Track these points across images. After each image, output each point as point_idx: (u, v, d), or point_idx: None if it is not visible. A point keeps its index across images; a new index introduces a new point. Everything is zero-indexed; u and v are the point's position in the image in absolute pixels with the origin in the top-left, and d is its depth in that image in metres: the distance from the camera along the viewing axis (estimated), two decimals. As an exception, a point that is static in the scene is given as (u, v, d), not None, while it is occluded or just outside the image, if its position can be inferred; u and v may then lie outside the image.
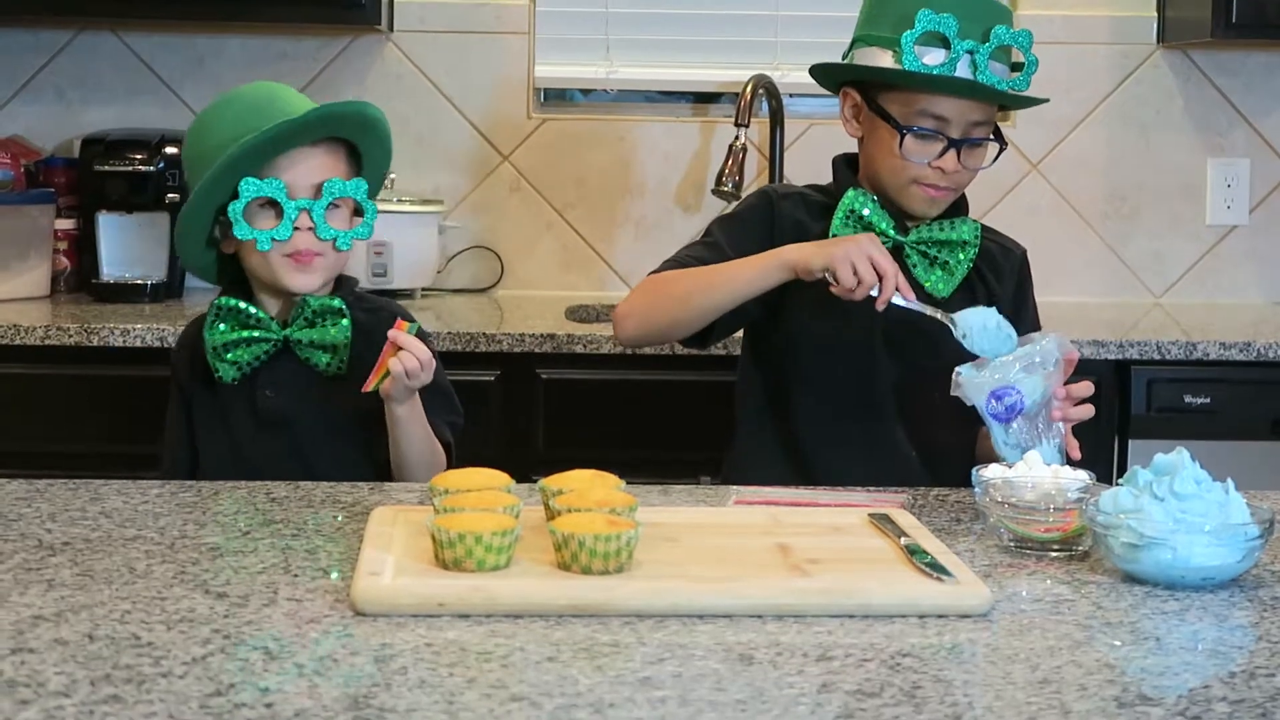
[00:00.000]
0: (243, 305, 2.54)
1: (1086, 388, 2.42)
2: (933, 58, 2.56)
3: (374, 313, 2.63)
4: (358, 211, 2.60)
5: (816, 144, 4.11)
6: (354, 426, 2.59)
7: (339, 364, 2.56)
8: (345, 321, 2.55)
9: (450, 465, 2.53)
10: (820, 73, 2.76)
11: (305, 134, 2.52)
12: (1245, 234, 4.30)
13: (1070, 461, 2.33)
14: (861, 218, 2.62)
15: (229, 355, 2.55)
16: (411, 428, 2.51)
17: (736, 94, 4.06)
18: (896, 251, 2.63)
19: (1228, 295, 4.30)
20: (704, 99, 4.29)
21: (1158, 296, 4.30)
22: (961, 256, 2.64)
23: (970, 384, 2.36)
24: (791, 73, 4.15)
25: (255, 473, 2.40)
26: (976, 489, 2.08)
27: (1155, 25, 4.24)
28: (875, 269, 2.41)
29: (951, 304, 2.60)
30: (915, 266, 2.64)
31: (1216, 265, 4.31)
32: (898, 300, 2.43)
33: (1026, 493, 2.06)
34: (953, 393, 2.37)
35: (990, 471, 2.11)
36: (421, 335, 2.46)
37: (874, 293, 2.43)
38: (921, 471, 2.59)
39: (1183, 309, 4.16)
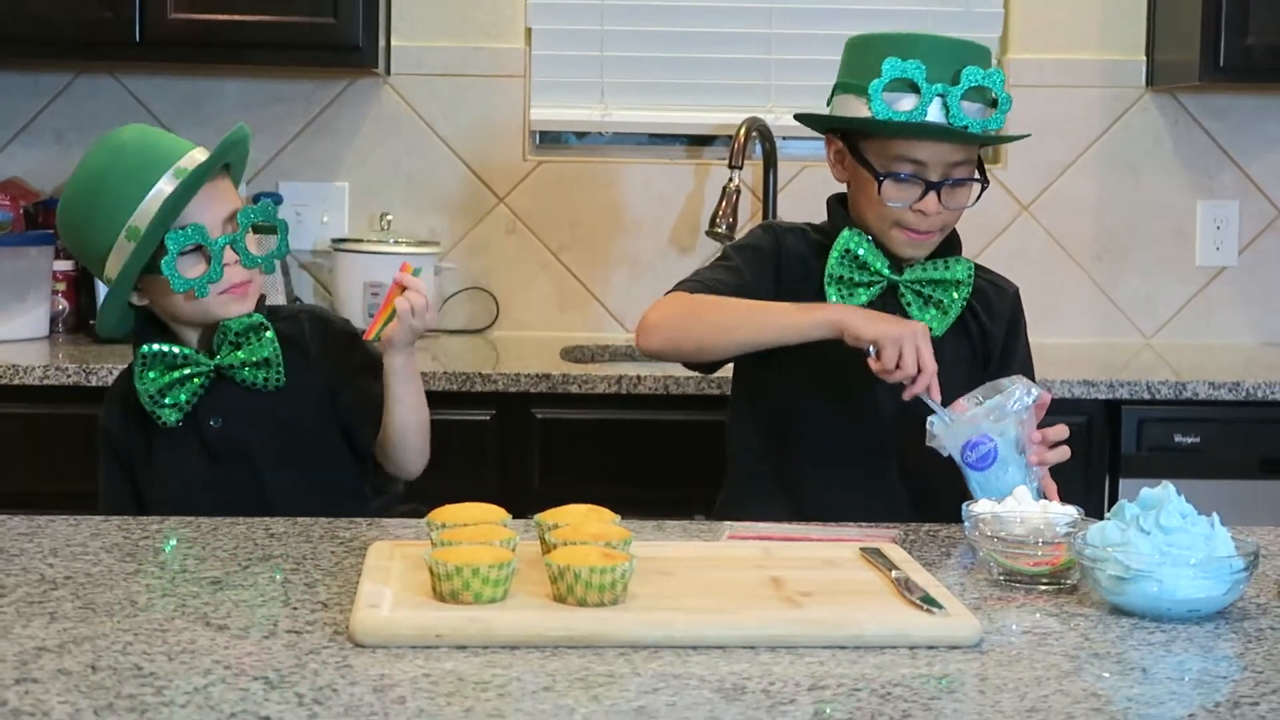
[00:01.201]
0: (167, 348, 2.54)
1: (1061, 431, 2.45)
2: (904, 104, 2.59)
3: (292, 318, 2.66)
4: (260, 229, 2.60)
5: (809, 186, 4.15)
6: (306, 438, 2.61)
7: (277, 377, 2.57)
8: (270, 334, 2.56)
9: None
10: (805, 121, 2.80)
11: (211, 172, 2.53)
12: (1235, 275, 4.34)
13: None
14: (857, 257, 2.65)
15: (166, 400, 2.55)
16: (411, 382, 2.56)
17: (730, 136, 4.10)
18: (891, 291, 2.66)
19: (1217, 336, 4.33)
20: (698, 141, 4.33)
21: (1148, 337, 4.33)
22: (955, 295, 2.67)
23: (945, 435, 2.40)
24: (785, 115, 4.18)
25: (215, 506, 2.41)
26: (966, 523, 2.10)
27: (1144, 69, 4.28)
28: (919, 361, 2.44)
29: (945, 342, 2.63)
30: (910, 305, 2.66)
31: (1206, 306, 4.34)
32: (924, 398, 2.46)
33: (1016, 527, 2.08)
34: (928, 443, 2.41)
35: (980, 506, 2.14)
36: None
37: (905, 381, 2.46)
38: (915, 509, 2.61)
39: (1173, 349, 4.19)
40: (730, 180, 4.03)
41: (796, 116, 2.80)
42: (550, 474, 3.51)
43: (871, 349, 2.46)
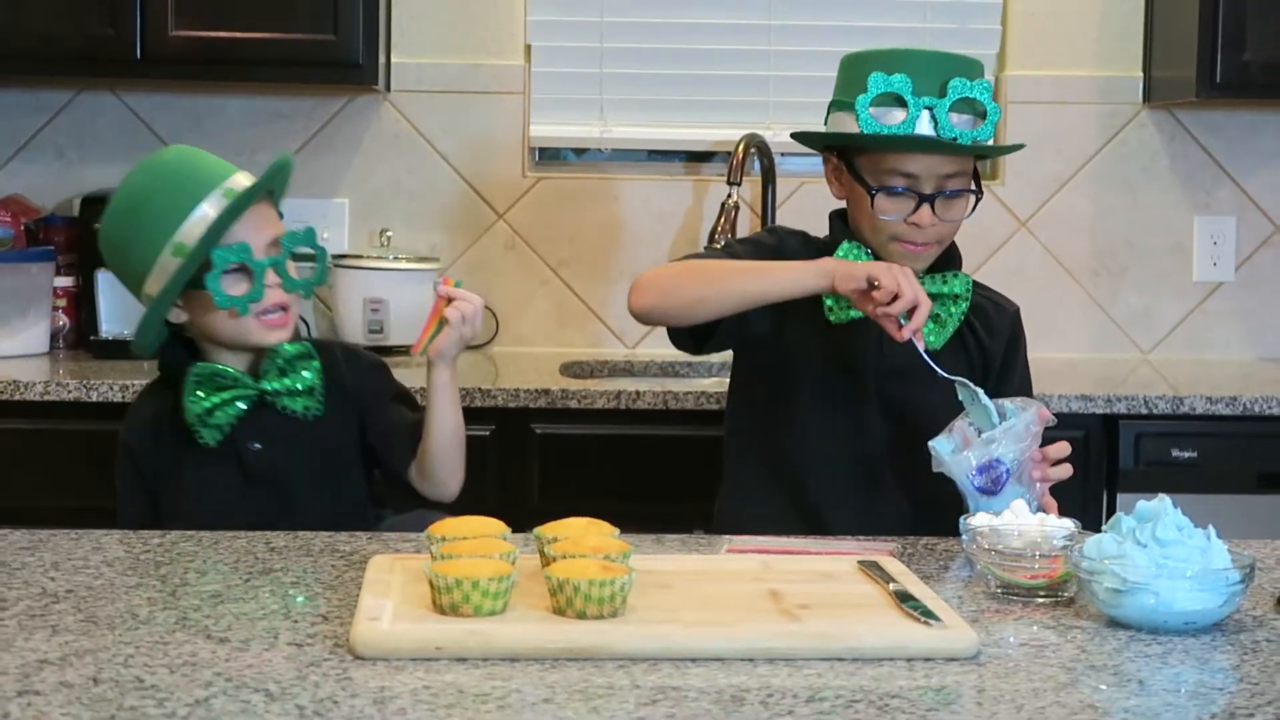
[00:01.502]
0: (219, 368, 2.58)
1: (1063, 448, 2.46)
2: (893, 118, 2.61)
3: (326, 350, 2.70)
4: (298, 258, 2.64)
5: (808, 202, 4.16)
6: (336, 467, 2.66)
7: (317, 407, 2.61)
8: (315, 363, 2.61)
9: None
10: (800, 138, 2.83)
11: (257, 194, 2.58)
12: (1232, 290, 4.35)
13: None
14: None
15: (210, 420, 2.58)
16: (453, 397, 2.62)
17: (729, 153, 4.12)
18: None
19: (1215, 351, 4.34)
20: (697, 158, 4.35)
21: (1145, 352, 4.34)
22: (954, 309, 2.69)
23: (952, 462, 2.38)
24: (783, 132, 4.19)
25: (244, 528, 2.42)
26: (964, 536, 2.11)
27: (1141, 85, 4.30)
28: (915, 291, 2.44)
29: (943, 356, 2.64)
30: (906, 318, 2.67)
31: (1204, 321, 4.35)
32: (917, 343, 2.46)
33: (1013, 540, 2.09)
34: (935, 469, 2.40)
35: (978, 520, 2.15)
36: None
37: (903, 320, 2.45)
38: (913, 521, 2.62)
39: (1170, 364, 4.20)
40: (729, 196, 4.05)
41: (793, 135, 2.83)
42: (550, 489, 3.52)
43: (867, 283, 2.45)
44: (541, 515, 2.16)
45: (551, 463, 3.56)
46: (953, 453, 2.38)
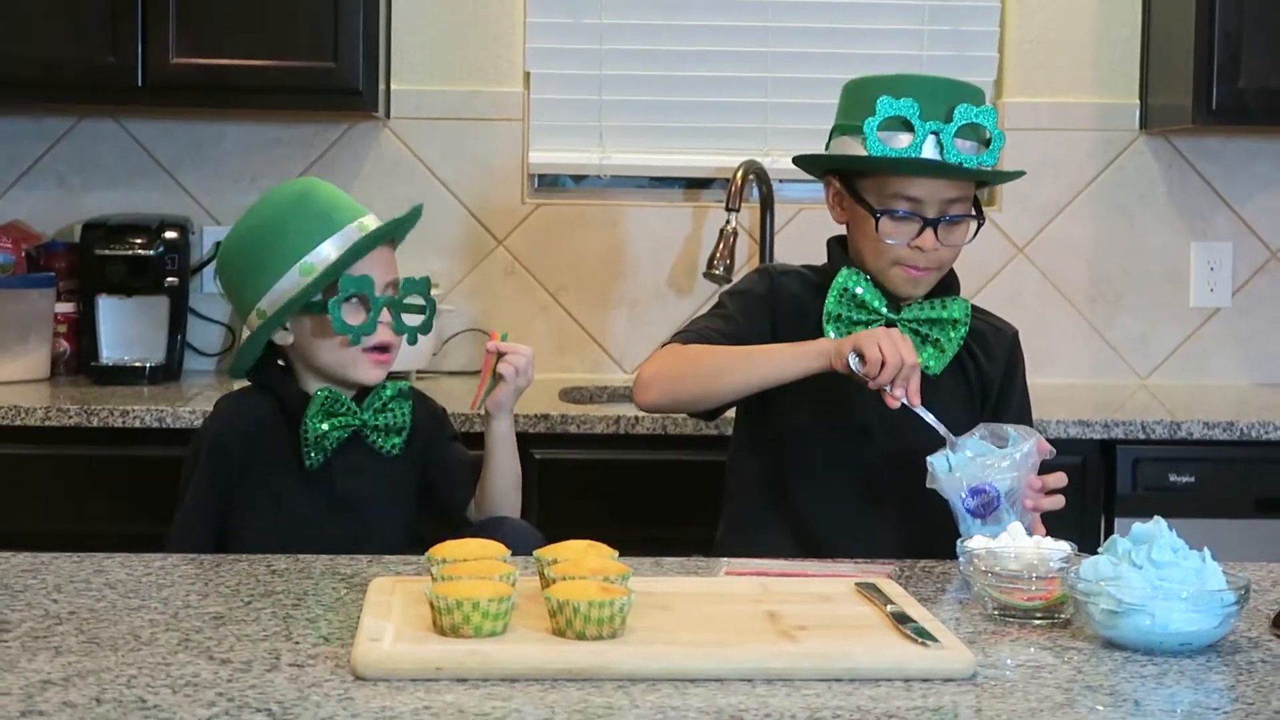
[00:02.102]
0: (341, 395, 2.65)
1: (1060, 479, 2.46)
2: (899, 142, 2.62)
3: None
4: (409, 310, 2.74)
5: (806, 228, 4.18)
6: (403, 505, 2.74)
7: (401, 446, 2.70)
8: (409, 404, 2.71)
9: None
10: (802, 162, 2.83)
11: (392, 233, 2.70)
12: (1228, 316, 4.36)
13: None
14: (855, 296, 2.68)
15: (322, 443, 2.63)
16: (512, 444, 2.74)
17: (727, 179, 4.13)
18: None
19: (1212, 376, 4.36)
20: (695, 184, 4.36)
21: (1143, 378, 4.35)
22: (952, 334, 2.69)
23: (946, 480, 2.40)
24: (781, 159, 4.21)
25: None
26: (961, 559, 2.13)
27: (1138, 112, 4.32)
28: (900, 353, 2.44)
29: (942, 381, 2.65)
30: None
31: (1201, 347, 4.37)
32: (912, 406, 2.47)
33: (1010, 562, 2.10)
34: (928, 484, 2.42)
35: (975, 542, 2.16)
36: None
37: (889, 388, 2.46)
38: (911, 543, 2.62)
39: (1167, 390, 4.21)
40: (727, 223, 4.06)
41: (796, 159, 2.83)
42: (549, 514, 3.52)
43: (853, 356, 2.47)
44: (542, 539, 2.17)
45: (551, 487, 3.56)
46: (948, 472, 2.39)
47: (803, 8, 4.31)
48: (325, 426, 2.62)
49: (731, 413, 2.86)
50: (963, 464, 2.40)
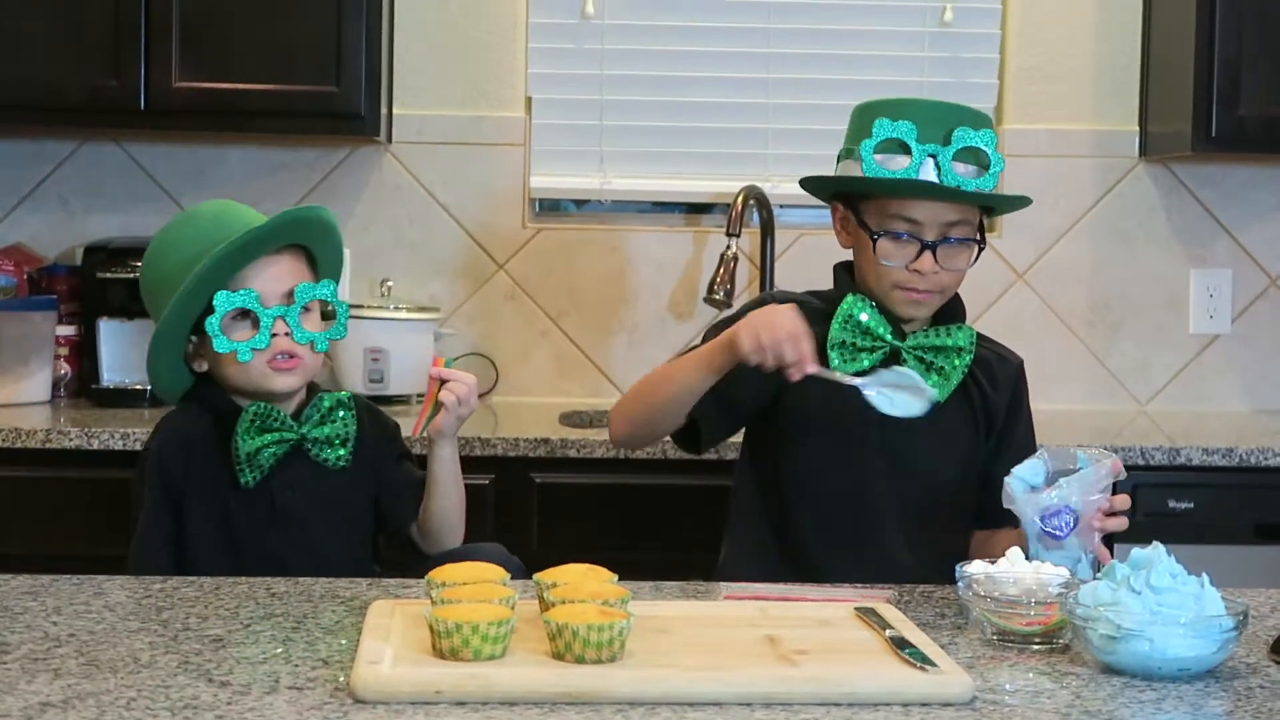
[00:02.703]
0: (273, 409, 2.62)
1: (1124, 501, 2.41)
2: (897, 164, 2.63)
3: (356, 404, 2.76)
4: (326, 315, 2.70)
5: (806, 254, 4.19)
6: (353, 518, 2.72)
7: (347, 458, 2.67)
8: (352, 414, 2.68)
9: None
10: (808, 185, 2.83)
11: (271, 241, 2.62)
12: (1228, 343, 4.37)
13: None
14: (860, 323, 2.67)
15: (255, 460, 2.62)
16: (455, 469, 2.71)
17: (728, 205, 4.14)
18: (894, 356, 2.68)
19: (1211, 403, 4.36)
20: (696, 209, 4.37)
21: (1143, 404, 4.36)
22: (957, 362, 2.68)
23: (1023, 501, 2.36)
24: (782, 184, 4.22)
25: (259, 569, 2.47)
26: (960, 584, 2.13)
27: (1137, 139, 4.33)
28: (776, 338, 2.48)
29: (947, 409, 2.65)
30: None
31: (1200, 373, 4.37)
32: (810, 369, 2.51)
33: (1008, 587, 2.10)
34: (1005, 505, 2.38)
35: (973, 567, 2.16)
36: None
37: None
38: (915, 576, 2.60)
39: (1167, 416, 4.22)
40: (728, 248, 4.07)
41: (801, 181, 2.83)
42: (549, 538, 3.53)
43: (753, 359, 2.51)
44: (541, 563, 2.18)
45: (551, 511, 3.57)
46: (1026, 492, 2.36)
47: (804, 34, 4.32)
48: (259, 442, 2.60)
49: (737, 438, 2.86)
50: (1039, 480, 2.38)
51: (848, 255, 2.83)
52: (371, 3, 3.91)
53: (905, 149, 2.63)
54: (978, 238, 2.72)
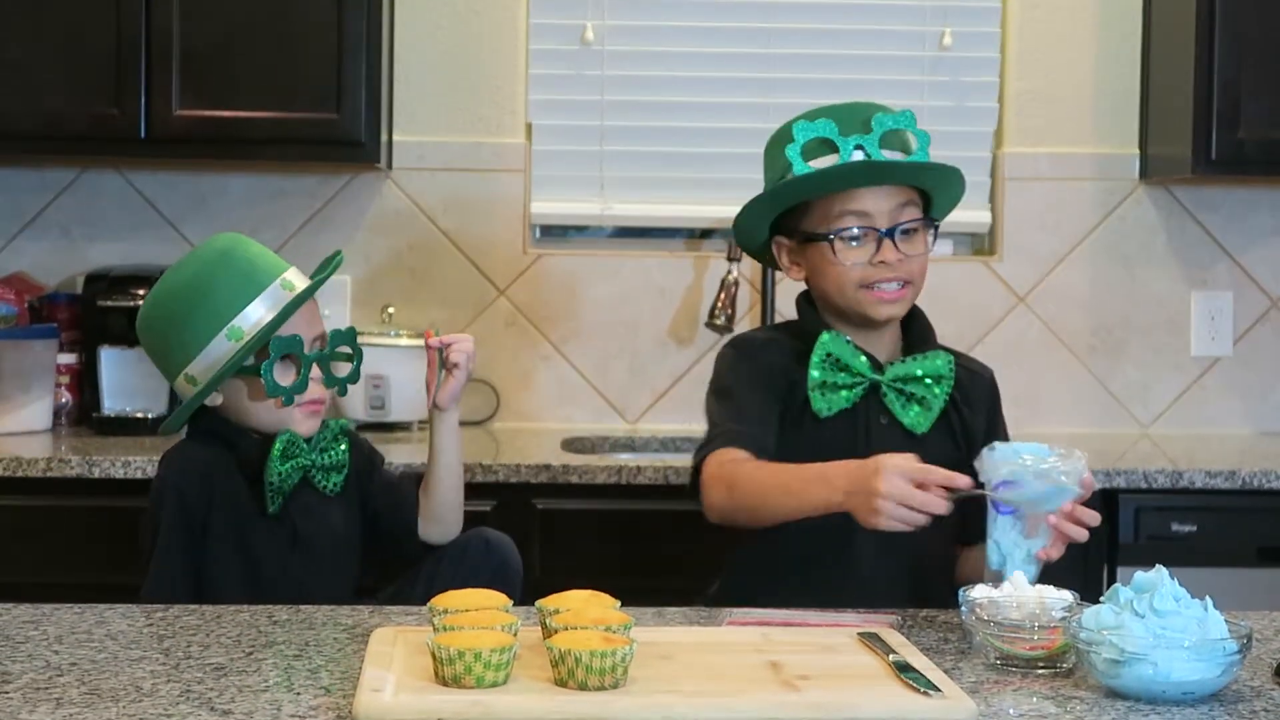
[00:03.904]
0: (299, 437, 2.66)
1: (1093, 516, 2.36)
2: (827, 163, 2.62)
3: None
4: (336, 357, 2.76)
5: (807, 278, 4.18)
6: (349, 542, 2.77)
7: (341, 483, 2.73)
8: (347, 443, 2.74)
9: None
10: (742, 232, 2.81)
11: (317, 290, 2.70)
12: (1229, 365, 4.37)
13: (1041, 564, 2.33)
14: (838, 361, 2.65)
15: (281, 487, 2.66)
16: (459, 438, 2.79)
17: (728, 230, 4.13)
18: (873, 390, 2.66)
19: (1213, 426, 4.36)
20: (696, 234, 4.37)
21: (1145, 427, 4.36)
22: (938, 391, 2.66)
23: (989, 464, 2.33)
24: (782, 209, 4.23)
25: (279, 597, 2.50)
26: (963, 608, 2.12)
27: (1137, 162, 4.33)
28: (909, 507, 2.27)
29: (929, 439, 2.63)
30: (892, 404, 2.66)
31: (1202, 396, 4.37)
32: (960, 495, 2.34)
33: (1012, 612, 2.10)
34: (974, 462, 2.35)
35: (976, 592, 2.16)
36: None
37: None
38: (907, 595, 2.59)
39: (1169, 439, 4.22)
40: (729, 273, 4.08)
41: (736, 230, 2.83)
42: (551, 564, 3.53)
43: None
44: (542, 589, 2.17)
45: (553, 537, 3.57)
46: (992, 460, 2.33)
47: (803, 59, 4.33)
48: (284, 469, 2.65)
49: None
50: (1007, 457, 2.34)
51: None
52: (372, 30, 3.92)
53: (830, 146, 2.63)
54: (931, 217, 2.70)
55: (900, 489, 2.27)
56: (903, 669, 1.92)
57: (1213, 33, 3.97)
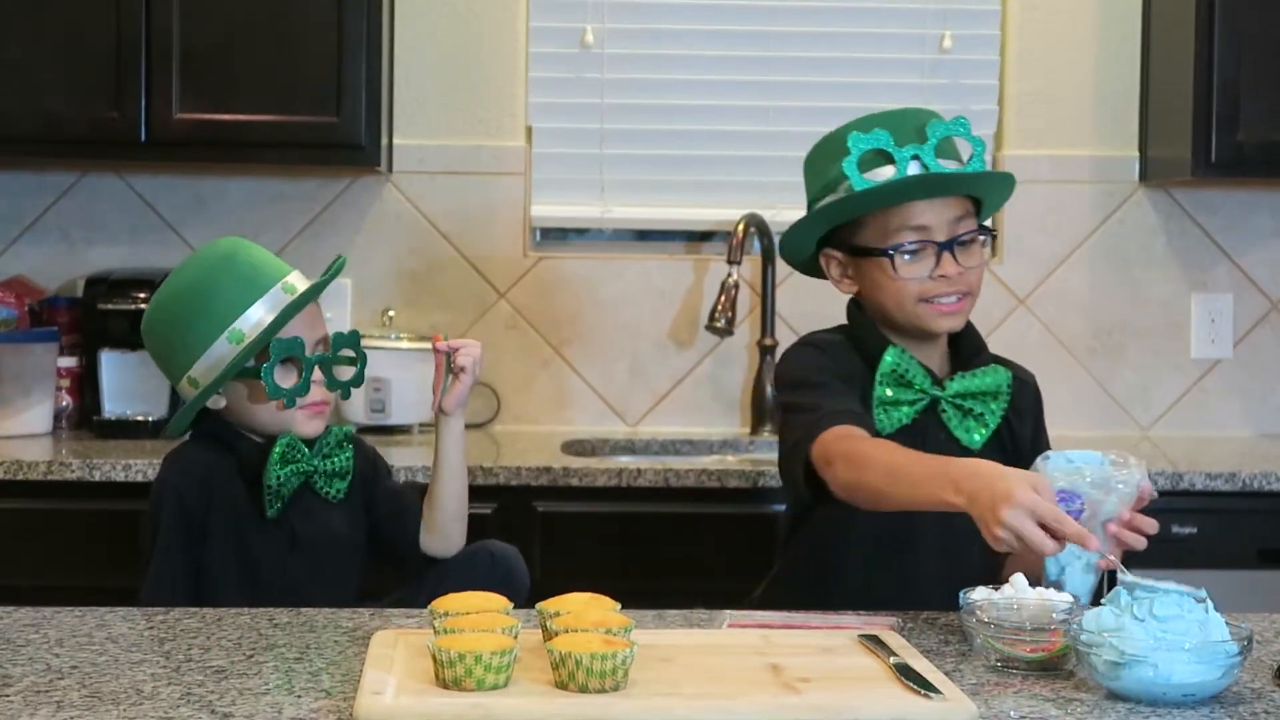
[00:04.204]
0: (299, 442, 2.67)
1: (1152, 525, 2.31)
2: (882, 175, 2.58)
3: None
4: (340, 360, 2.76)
5: (807, 281, 4.15)
6: (351, 548, 2.77)
7: (345, 490, 2.73)
8: (352, 449, 2.74)
9: None
10: (791, 245, 2.75)
11: (319, 293, 2.70)
12: (1229, 367, 4.37)
13: (1100, 574, 2.30)
14: (901, 376, 2.62)
15: (279, 491, 2.66)
16: (464, 444, 2.77)
17: (729, 232, 4.15)
18: (932, 405, 2.65)
19: (1213, 428, 4.36)
20: (697, 237, 4.37)
21: (1145, 429, 4.36)
22: (994, 406, 2.64)
23: (1045, 474, 2.27)
24: (783, 211, 4.23)
25: (278, 600, 2.51)
26: (963, 610, 2.12)
27: (1137, 165, 4.33)
28: (1028, 537, 2.14)
29: (982, 454, 2.59)
30: (950, 420, 2.65)
31: (1202, 398, 4.37)
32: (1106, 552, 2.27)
33: (1013, 614, 2.10)
34: (1030, 469, 2.29)
35: (977, 594, 2.16)
36: None
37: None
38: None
39: (1169, 441, 4.22)
40: (729, 275, 4.08)
41: (783, 246, 2.77)
42: (552, 566, 3.53)
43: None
44: (543, 592, 2.18)
45: (553, 540, 3.57)
46: (1048, 468, 2.30)
47: (804, 61, 4.33)
48: (284, 473, 2.65)
49: (723, 464, 2.84)
50: (1063, 467, 2.30)
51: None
52: (372, 33, 3.92)
53: (886, 158, 2.59)
54: (988, 227, 2.68)
55: (1023, 526, 2.13)
56: (903, 671, 1.92)
57: (1212, 35, 3.97)
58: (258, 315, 2.63)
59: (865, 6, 4.34)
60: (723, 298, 4.07)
